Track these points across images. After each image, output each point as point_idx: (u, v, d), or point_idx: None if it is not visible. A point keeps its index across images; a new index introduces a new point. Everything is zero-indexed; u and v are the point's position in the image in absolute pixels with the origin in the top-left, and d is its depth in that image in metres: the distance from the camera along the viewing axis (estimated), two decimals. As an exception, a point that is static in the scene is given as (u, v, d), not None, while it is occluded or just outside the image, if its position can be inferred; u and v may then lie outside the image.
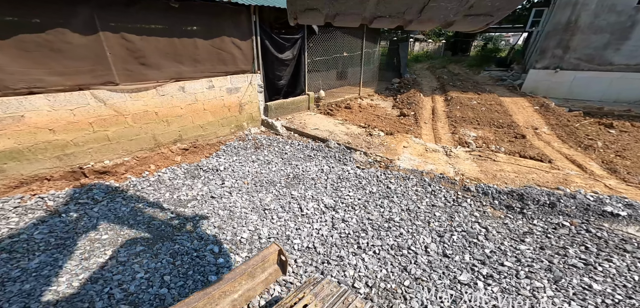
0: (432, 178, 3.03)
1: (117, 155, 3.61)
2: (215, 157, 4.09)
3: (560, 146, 4.38)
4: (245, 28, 4.57)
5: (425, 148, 4.03)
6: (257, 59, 4.93)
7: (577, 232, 2.02)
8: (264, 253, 1.83)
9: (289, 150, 4.38)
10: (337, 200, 2.88)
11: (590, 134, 4.91)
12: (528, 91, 8.87)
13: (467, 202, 2.58)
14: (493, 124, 5.68)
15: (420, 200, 2.71)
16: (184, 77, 4.01)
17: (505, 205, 2.46)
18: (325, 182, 3.32)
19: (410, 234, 2.21)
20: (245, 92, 4.97)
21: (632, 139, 4.61)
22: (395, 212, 2.55)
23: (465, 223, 2.29)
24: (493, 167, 3.16)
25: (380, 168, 3.53)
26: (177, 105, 4.05)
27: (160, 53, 3.64)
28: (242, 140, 4.77)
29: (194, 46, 3.94)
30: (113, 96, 3.40)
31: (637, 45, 7.00)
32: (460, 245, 2.05)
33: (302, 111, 6.46)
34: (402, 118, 6.53)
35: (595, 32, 7.48)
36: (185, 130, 4.31)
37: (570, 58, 8.16)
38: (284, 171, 3.67)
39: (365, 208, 2.69)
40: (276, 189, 3.22)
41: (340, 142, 4.34)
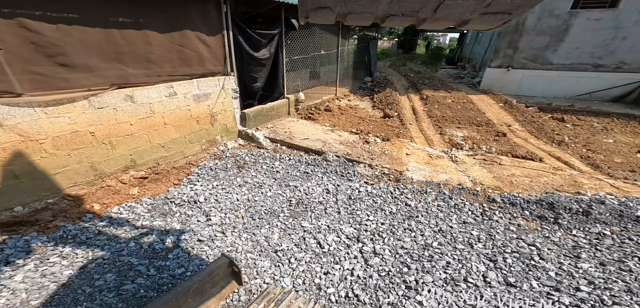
0: (451, 191, 2.94)
1: (34, 197, 2.56)
2: (187, 185, 3.31)
3: (536, 142, 4.91)
4: (214, 20, 3.85)
5: (428, 154, 4.00)
6: (229, 58, 4.24)
7: (621, 241, 2.15)
8: (211, 267, 1.80)
9: (280, 167, 3.85)
10: (358, 228, 2.55)
11: (554, 129, 5.68)
12: (485, 88, 10.00)
13: (497, 215, 2.54)
14: (472, 123, 6.12)
15: (447, 217, 2.58)
16: (132, 83, 3.10)
17: (537, 216, 2.48)
18: (335, 205, 2.95)
19: (457, 262, 2.02)
20: (217, 98, 4.22)
21: (589, 133, 5.49)
22: (428, 235, 2.36)
23: (509, 242, 2.20)
24: (503, 172, 3.28)
25: (391, 182, 3.33)
26: (124, 120, 3.13)
27: (92, 50, 2.71)
28: (219, 159, 4.04)
29: (144, 41, 3.07)
30: (14, 114, 2.36)
31: (571, 47, 8.50)
32: (518, 269, 1.93)
33: (283, 117, 5.94)
34: (386, 120, 6.57)
35: (538, 34, 8.82)
36: (140, 152, 3.38)
37: (519, 58, 9.47)
38: (283, 196, 3.16)
39: (394, 234, 2.43)
40: (281, 221, 2.71)
41: (338, 154, 4.02)
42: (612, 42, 7.96)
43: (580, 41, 8.30)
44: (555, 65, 8.98)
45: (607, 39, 7.98)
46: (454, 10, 0.83)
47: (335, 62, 8.31)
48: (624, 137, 5.17)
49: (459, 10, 0.83)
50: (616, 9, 7.53)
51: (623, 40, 7.81)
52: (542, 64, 9.19)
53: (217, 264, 1.81)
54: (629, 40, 7.73)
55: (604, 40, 8.01)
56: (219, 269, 1.80)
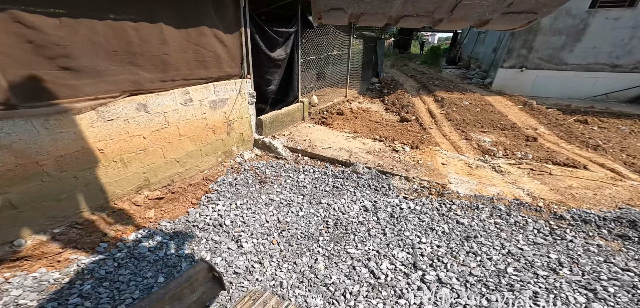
0: (507, 206, 2.75)
1: (37, 227, 2.26)
2: (208, 204, 3.04)
3: (570, 147, 4.79)
4: (232, 15, 3.56)
5: (466, 163, 3.82)
6: (247, 59, 3.98)
7: None
8: (189, 273, 1.80)
9: (306, 181, 3.61)
10: (411, 252, 2.33)
11: (583, 132, 5.59)
12: (498, 89, 9.97)
13: (569, 234, 2.35)
14: (496, 126, 5.99)
15: (512, 237, 2.37)
16: (146, 89, 2.82)
17: (617, 235, 2.30)
18: (378, 226, 2.72)
19: (547, 292, 1.81)
20: (233, 104, 3.96)
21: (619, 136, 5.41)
22: (497, 260, 2.14)
23: (598, 266, 2.01)
24: (558, 183, 3.11)
25: (433, 196, 3.13)
26: (137, 133, 2.84)
27: (101, 50, 2.38)
28: (237, 172, 3.78)
29: (160, 39, 2.77)
30: (8, 130, 2.03)
31: (588, 47, 8.50)
32: (626, 300, 1.72)
33: (297, 122, 5.70)
34: (405, 124, 6.39)
35: (554, 33, 8.82)
36: (154, 169, 3.10)
37: (533, 58, 9.45)
38: (317, 216, 2.92)
39: (456, 258, 2.21)
40: (322, 247, 2.47)
41: (369, 165, 3.80)
42: (630, 42, 7.98)
43: (598, 41, 8.31)
44: (570, 65, 8.98)
45: (625, 38, 8.00)
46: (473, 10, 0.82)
47: (346, 62, 8.13)
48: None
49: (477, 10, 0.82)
50: (635, 8, 7.54)
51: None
52: (557, 64, 9.19)
53: (195, 270, 1.84)
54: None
55: (622, 40, 8.03)
56: (198, 274, 1.82)
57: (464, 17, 0.88)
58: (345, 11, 0.92)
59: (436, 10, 0.87)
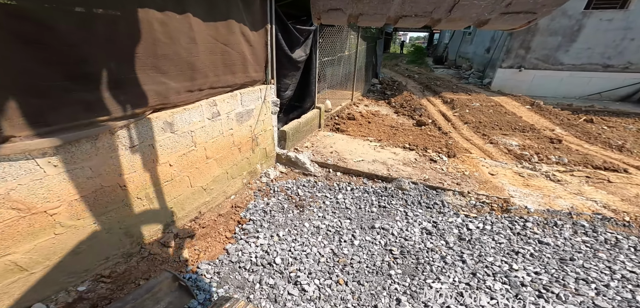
0: (590, 222, 2.68)
1: (55, 288, 1.74)
2: (246, 238, 2.63)
3: (595, 149, 4.97)
4: (258, 8, 3.11)
5: (516, 172, 3.75)
6: (271, 61, 3.61)
7: None
8: (151, 284, 1.81)
9: (347, 201, 3.32)
10: (507, 282, 2.13)
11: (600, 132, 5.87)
12: (497, 89, 10.39)
13: None
14: (515, 128, 6.12)
15: (616, 259, 2.24)
16: (171, 102, 2.36)
17: None
18: (451, 251, 2.50)
19: None
20: (258, 116, 3.57)
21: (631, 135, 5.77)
22: (616, 287, 1.98)
23: None
24: (624, 192, 3.09)
25: (496, 212, 2.99)
26: (163, 160, 2.37)
27: (122, 52, 1.89)
28: (267, 195, 3.39)
29: (188, 37, 2.28)
30: (1, 173, 1.52)
31: (583, 47, 9.10)
32: None
33: (315, 131, 5.39)
34: (422, 128, 6.33)
35: (551, 34, 9.35)
36: (181, 202, 2.63)
37: (531, 58, 9.95)
38: (376, 244, 2.64)
39: (566, 286, 2.02)
40: (398, 284, 2.19)
41: (413, 180, 3.60)
42: (621, 43, 8.65)
43: (592, 41, 8.92)
44: (566, 65, 9.56)
45: (616, 39, 8.66)
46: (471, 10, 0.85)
47: (352, 63, 7.98)
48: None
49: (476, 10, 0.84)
50: (627, 10, 8.20)
51: (631, 41, 8.51)
52: (554, 64, 9.75)
53: (157, 280, 1.83)
54: (637, 41, 8.43)
55: (614, 41, 8.68)
56: (161, 284, 1.84)
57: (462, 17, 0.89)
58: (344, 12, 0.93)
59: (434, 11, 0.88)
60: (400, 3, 0.89)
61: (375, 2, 0.91)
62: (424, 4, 0.88)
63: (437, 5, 0.88)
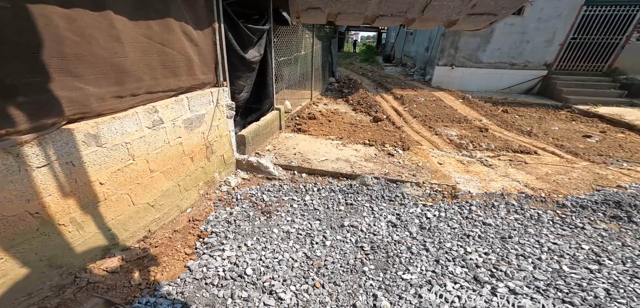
0: (517, 201, 3.04)
1: None
2: (210, 252, 2.29)
3: (513, 135, 5.81)
4: (202, 5, 2.77)
5: (458, 161, 4.11)
6: (222, 62, 3.22)
7: None
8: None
9: (315, 203, 3.19)
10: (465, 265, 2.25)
11: (515, 121, 6.91)
12: (436, 85, 11.51)
13: (577, 221, 2.68)
14: (453, 120, 6.81)
15: (540, 233, 2.56)
16: (94, 111, 1.86)
17: (611, 217, 2.75)
18: (415, 241, 2.58)
19: (614, 288, 1.94)
20: (211, 121, 3.15)
21: (535, 121, 6.92)
22: (545, 258, 2.22)
23: (622, 250, 2.29)
24: (537, 171, 3.63)
25: (447, 199, 3.21)
26: (91, 177, 1.86)
27: (4, 50, 1.42)
28: (229, 204, 3.03)
29: (109, 35, 1.85)
30: None
31: (495, 48, 10.60)
32: None
33: (275, 133, 5.10)
34: (379, 124, 6.56)
35: (472, 35, 10.65)
36: (122, 222, 2.12)
37: (459, 57, 11.22)
38: (347, 242, 2.58)
39: (510, 264, 2.22)
40: (372, 279, 2.15)
41: (375, 175, 3.64)
42: (520, 44, 10.36)
43: (501, 43, 10.46)
44: (485, 63, 11.06)
45: (517, 42, 10.32)
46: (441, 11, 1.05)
47: (309, 63, 7.84)
48: (560, 124, 6.78)
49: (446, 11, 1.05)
50: (523, 17, 9.83)
51: (527, 43, 10.26)
52: (476, 63, 11.18)
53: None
54: (531, 43, 10.22)
55: (515, 43, 10.33)
56: None
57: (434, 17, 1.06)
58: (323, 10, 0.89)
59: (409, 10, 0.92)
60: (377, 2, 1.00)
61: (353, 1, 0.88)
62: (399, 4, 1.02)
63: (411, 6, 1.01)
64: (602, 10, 9.06)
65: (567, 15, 9.45)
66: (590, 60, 9.84)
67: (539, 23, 9.82)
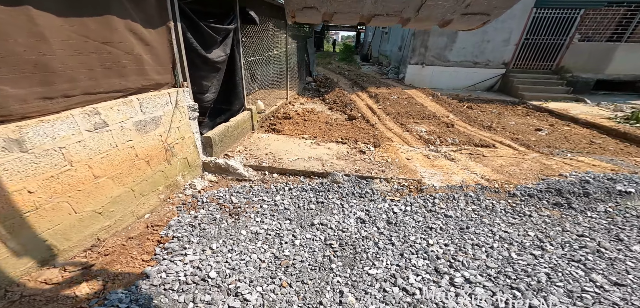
0: (475, 192, 3.17)
1: None
2: (171, 257, 2.12)
3: (475, 130, 6.15)
4: (153, 5, 2.57)
5: (425, 156, 4.23)
6: (180, 62, 3.02)
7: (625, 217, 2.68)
8: None
9: (286, 202, 3.11)
10: (427, 257, 2.31)
11: (477, 117, 7.32)
12: (409, 83, 11.90)
13: (526, 209, 2.86)
14: (423, 117, 7.06)
15: (493, 222, 2.69)
16: (16, 114, 1.62)
17: (554, 204, 2.95)
18: (382, 236, 2.60)
19: (554, 271, 2.09)
20: (170, 123, 2.93)
21: (495, 117, 7.38)
22: (497, 247, 2.34)
23: (561, 235, 2.47)
24: (493, 163, 3.83)
25: (413, 193, 3.28)
26: (17, 186, 1.63)
27: None
28: (194, 208, 2.85)
29: (30, 32, 1.64)
30: None
31: (460, 48, 11.15)
32: (604, 265, 2.15)
33: (247, 133, 4.93)
34: (354, 122, 6.62)
35: (440, 35, 11.12)
36: (62, 232, 1.89)
37: (429, 56, 11.68)
38: (317, 240, 2.54)
39: (466, 253, 2.31)
40: (339, 276, 2.14)
41: (346, 172, 3.64)
42: (482, 44, 11.01)
43: (465, 43, 11.03)
44: (451, 62, 11.61)
45: (479, 41, 10.96)
46: (436, 10, 0.91)
47: (284, 62, 7.70)
48: (517, 118, 7.29)
49: (440, 10, 0.90)
50: (486, 22, 10.46)
51: (488, 43, 10.94)
52: (444, 61, 11.71)
53: None
54: (491, 43, 10.89)
55: (478, 43, 10.96)
56: None
57: (429, 16, 0.92)
58: (319, 10, 0.92)
59: (404, 10, 0.90)
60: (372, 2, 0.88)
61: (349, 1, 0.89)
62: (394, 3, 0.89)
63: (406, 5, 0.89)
64: (549, 12, 9.90)
65: (520, 16, 10.19)
66: (541, 59, 10.72)
67: (497, 23, 10.49)
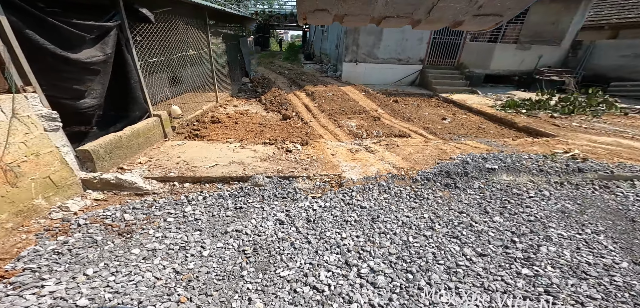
0: (386, 181, 3.34)
1: None
2: (20, 292, 1.58)
3: (397, 122, 6.74)
4: None
5: (348, 150, 4.34)
6: (14, 63, 2.31)
7: (492, 191, 3.20)
8: None
9: (197, 212, 2.75)
10: (339, 251, 2.30)
11: (400, 109, 8.05)
12: (345, 80, 12.42)
13: (425, 193, 3.14)
14: (355, 112, 7.39)
15: (399, 209, 2.87)
16: None
17: (445, 185, 3.33)
18: (300, 236, 2.51)
19: (438, 249, 2.30)
20: (7, 137, 2.21)
21: (414, 109, 8.26)
22: (400, 233, 2.50)
23: (447, 214, 2.77)
24: (404, 152, 4.17)
25: (334, 188, 3.31)
26: None
27: None
28: (64, 233, 2.26)
29: None
30: None
31: (386, 45, 12.10)
32: (473, 238, 2.43)
33: (157, 142, 4.25)
34: (288, 121, 6.48)
35: (368, 34, 11.86)
36: None
37: (361, 53, 12.37)
38: (230, 248, 2.31)
39: (374, 243, 2.38)
40: (250, 282, 2.01)
41: (268, 174, 3.44)
42: (403, 42, 12.19)
43: (390, 41, 12.03)
44: (380, 59, 12.56)
45: (400, 40, 12.12)
46: (448, 12, 0.91)
47: (209, 63, 7.01)
48: (430, 110, 8.32)
49: (452, 12, 0.91)
50: (404, 23, 11.64)
51: (407, 41, 12.18)
52: (374, 59, 12.57)
53: None
54: (409, 41, 12.14)
55: (399, 41, 12.07)
56: None
57: (440, 18, 0.93)
58: (330, 12, 0.95)
59: (415, 12, 0.91)
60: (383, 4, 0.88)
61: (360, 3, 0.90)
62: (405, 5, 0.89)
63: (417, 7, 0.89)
64: (451, 18, 11.62)
65: (430, 19, 11.68)
66: (446, 56, 12.53)
67: (412, 25, 11.76)
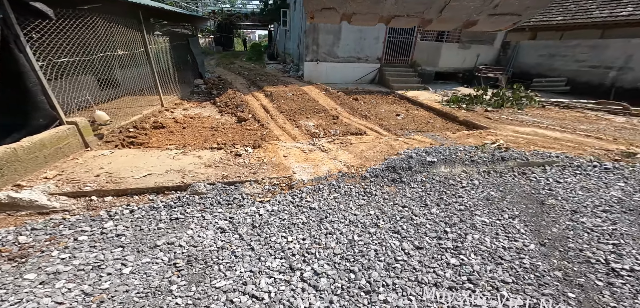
0: (337, 180, 3.25)
1: None
2: None
3: (356, 119, 6.84)
4: None
5: (301, 150, 4.21)
6: None
7: (431, 183, 3.34)
8: None
9: (119, 228, 2.37)
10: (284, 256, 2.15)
11: (359, 107, 8.22)
12: (307, 79, 12.35)
13: (373, 189, 3.13)
14: (314, 111, 7.32)
15: (348, 207, 2.83)
16: None
17: (391, 180, 3.35)
18: (242, 243, 2.30)
19: (380, 245, 2.31)
20: None
21: (372, 106, 8.50)
22: (345, 232, 2.47)
23: (391, 209, 2.78)
24: (356, 149, 4.17)
25: (284, 191, 3.16)
26: None
27: None
28: None
29: None
30: None
31: (344, 45, 12.29)
32: (413, 231, 2.47)
33: (74, 153, 3.65)
34: (243, 124, 6.14)
35: (327, 33, 11.94)
36: None
37: (321, 53, 12.40)
38: (158, 262, 2.02)
39: (320, 244, 2.27)
40: (180, 296, 1.77)
41: (211, 181, 3.14)
42: (361, 42, 12.53)
43: (348, 40, 12.25)
44: (340, 58, 12.75)
45: (358, 39, 12.43)
46: (461, 11, 1.03)
47: (148, 64, 6.31)
48: (387, 106, 8.65)
49: (465, 11, 1.03)
50: (361, 25, 12.00)
51: (364, 41, 12.56)
52: (334, 58, 12.70)
53: None
54: (367, 40, 12.52)
55: (357, 40, 12.36)
56: None
57: (452, 18, 0.94)
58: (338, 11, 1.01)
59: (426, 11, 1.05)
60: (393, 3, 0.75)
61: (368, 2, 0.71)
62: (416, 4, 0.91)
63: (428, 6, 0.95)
64: (403, 20, 12.32)
65: (384, 20, 12.22)
66: (401, 55, 13.24)
67: (369, 25, 12.17)
